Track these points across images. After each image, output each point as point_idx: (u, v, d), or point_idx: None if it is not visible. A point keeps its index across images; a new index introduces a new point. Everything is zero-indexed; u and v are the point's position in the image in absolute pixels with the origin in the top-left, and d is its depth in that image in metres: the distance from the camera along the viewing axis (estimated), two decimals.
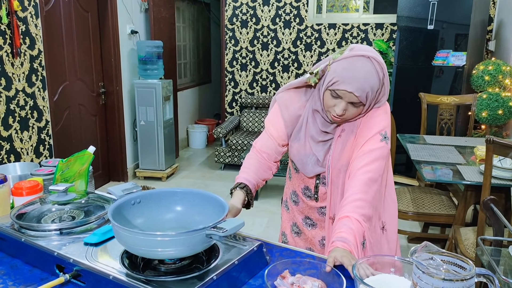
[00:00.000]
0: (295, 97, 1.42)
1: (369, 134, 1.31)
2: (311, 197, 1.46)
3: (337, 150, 1.35)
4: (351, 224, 1.19)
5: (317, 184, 1.43)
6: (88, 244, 1.07)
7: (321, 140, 1.37)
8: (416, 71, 4.08)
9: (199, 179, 4.78)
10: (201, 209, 1.08)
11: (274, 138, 1.44)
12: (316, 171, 1.40)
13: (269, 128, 1.46)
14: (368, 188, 1.26)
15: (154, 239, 0.91)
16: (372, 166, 1.28)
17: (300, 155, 1.41)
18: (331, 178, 1.37)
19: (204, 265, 0.98)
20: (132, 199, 1.08)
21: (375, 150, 1.30)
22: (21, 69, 3.09)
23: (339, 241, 1.15)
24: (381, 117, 1.33)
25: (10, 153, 3.04)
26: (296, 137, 1.43)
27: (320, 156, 1.38)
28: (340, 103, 1.25)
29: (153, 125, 4.51)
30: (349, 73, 1.21)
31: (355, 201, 1.24)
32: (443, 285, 0.71)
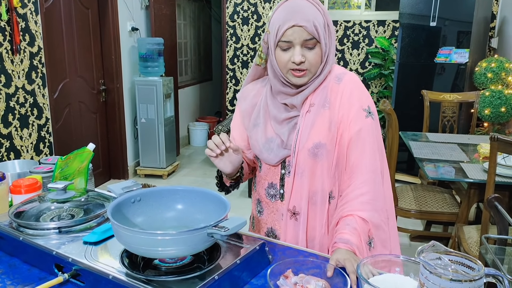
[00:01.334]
0: (252, 88, 1.35)
1: (350, 111, 1.18)
2: (275, 196, 1.29)
3: (306, 127, 1.20)
4: (355, 223, 1.13)
5: (283, 175, 1.26)
6: (87, 243, 1.05)
7: (286, 117, 1.24)
8: (418, 68, 4.05)
9: (200, 177, 4.76)
10: (203, 208, 1.06)
11: (234, 139, 1.36)
12: (281, 155, 1.24)
13: (234, 134, 1.37)
14: (370, 175, 1.16)
15: (154, 238, 0.89)
16: (367, 150, 1.17)
17: (261, 142, 1.27)
18: (296, 160, 1.21)
19: (206, 264, 0.96)
20: (132, 197, 1.06)
21: (362, 129, 1.18)
22: (21, 66, 3.07)
23: (341, 242, 1.11)
24: (352, 90, 1.20)
25: (10, 151, 3.02)
26: (254, 124, 1.30)
27: (284, 136, 1.23)
28: (294, 50, 1.15)
29: (153, 122, 4.49)
30: (286, 12, 1.14)
31: (359, 197, 1.16)
32: (451, 285, 0.70)
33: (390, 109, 2.52)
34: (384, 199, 1.20)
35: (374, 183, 1.17)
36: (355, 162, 1.18)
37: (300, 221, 1.25)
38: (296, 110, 1.24)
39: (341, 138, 1.19)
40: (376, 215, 1.16)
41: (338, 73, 1.24)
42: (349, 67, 5.03)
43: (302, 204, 1.24)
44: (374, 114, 1.22)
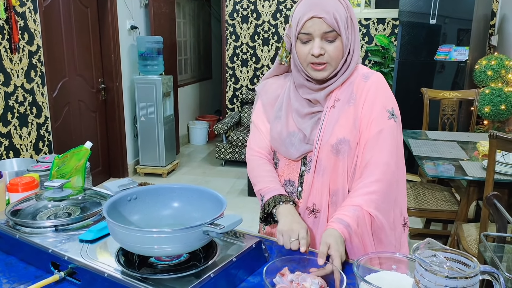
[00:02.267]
0: (274, 82, 1.33)
1: (373, 110, 1.16)
2: (293, 193, 1.26)
3: (330, 122, 1.17)
4: (360, 213, 1.10)
5: (303, 172, 1.23)
6: (83, 241, 1.05)
7: (308, 112, 1.21)
8: (418, 66, 4.04)
9: (199, 175, 4.76)
10: (199, 205, 1.05)
11: (264, 133, 1.31)
12: (302, 149, 1.21)
13: (256, 123, 1.34)
14: (382, 176, 1.12)
15: (150, 236, 0.89)
16: (385, 151, 1.13)
17: (282, 136, 1.24)
18: (318, 157, 1.18)
19: (202, 262, 0.96)
20: (128, 195, 1.05)
21: (384, 130, 1.14)
22: (20, 65, 3.07)
23: (338, 222, 1.08)
24: (377, 89, 1.18)
25: (9, 149, 3.02)
26: (276, 116, 1.27)
27: (307, 131, 1.19)
28: (314, 43, 1.12)
29: (153, 121, 4.49)
30: (307, 5, 1.12)
31: (367, 194, 1.12)
32: (446, 282, 0.69)
33: None
34: (394, 204, 1.17)
35: (386, 185, 1.14)
36: (371, 161, 1.14)
37: (320, 218, 1.22)
38: (319, 105, 1.21)
39: (361, 137, 1.16)
40: (379, 214, 1.13)
41: (365, 71, 1.22)
42: None
43: (322, 202, 1.21)
44: (398, 117, 1.18)
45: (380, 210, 1.13)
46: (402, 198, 1.20)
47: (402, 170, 1.19)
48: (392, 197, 1.16)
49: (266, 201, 1.20)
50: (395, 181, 1.16)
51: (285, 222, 1.11)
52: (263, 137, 1.31)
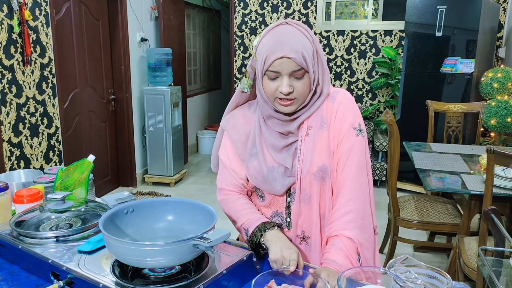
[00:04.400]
0: (239, 114, 1.31)
1: (342, 129, 1.19)
2: (282, 224, 1.25)
3: (308, 151, 1.19)
4: (341, 243, 1.14)
5: (289, 203, 1.24)
6: (82, 252, 1.10)
7: (284, 145, 1.21)
8: (424, 78, 4.06)
9: (207, 184, 4.81)
10: (192, 218, 1.10)
11: (235, 171, 1.28)
12: (286, 183, 1.21)
13: (224, 161, 1.30)
14: (356, 193, 1.16)
15: (143, 248, 0.94)
16: (355, 168, 1.17)
17: (263, 173, 1.22)
18: (301, 187, 1.19)
19: (193, 274, 1.00)
20: (125, 208, 1.10)
21: (353, 147, 1.18)
22: (32, 77, 3.17)
23: (328, 262, 1.13)
24: (345, 108, 1.20)
25: (20, 159, 3.11)
26: (251, 154, 1.25)
27: (288, 163, 1.20)
28: (281, 80, 1.13)
29: (161, 131, 4.56)
30: (274, 42, 1.11)
31: (344, 215, 1.16)
32: None
33: (391, 120, 2.54)
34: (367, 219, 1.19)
35: (361, 201, 1.17)
36: (342, 180, 1.18)
37: (311, 244, 1.25)
38: (292, 135, 1.22)
39: (333, 155, 1.20)
40: (360, 233, 1.16)
41: (331, 91, 1.24)
42: (356, 76, 5.05)
43: (312, 228, 1.23)
44: (364, 131, 1.22)
45: (360, 228, 1.16)
46: (371, 209, 1.23)
47: (370, 182, 1.23)
48: (368, 211, 1.19)
49: (252, 233, 1.19)
50: (367, 195, 1.19)
51: (275, 250, 1.11)
52: (234, 176, 1.29)
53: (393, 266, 0.76)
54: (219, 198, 1.33)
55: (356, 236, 1.15)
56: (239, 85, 1.27)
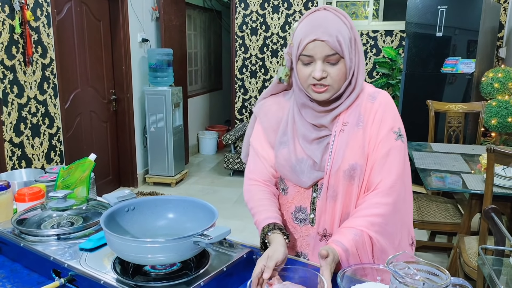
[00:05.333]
0: (274, 102, 1.27)
1: (380, 131, 1.14)
2: (305, 220, 1.22)
3: (340, 147, 1.14)
4: (360, 237, 1.09)
5: (314, 199, 1.20)
6: (83, 250, 1.11)
7: (316, 137, 1.17)
8: (425, 78, 4.06)
9: (208, 185, 4.82)
10: (192, 216, 1.10)
11: (265, 159, 1.25)
12: (314, 177, 1.17)
13: (256, 147, 1.27)
14: (388, 199, 1.11)
15: (144, 245, 0.94)
16: (391, 173, 1.12)
17: (291, 163, 1.19)
18: (329, 183, 1.15)
19: (193, 271, 1.00)
20: (126, 206, 1.11)
21: (391, 152, 1.13)
22: (33, 77, 3.18)
23: (337, 245, 1.07)
24: (385, 110, 1.15)
25: (22, 159, 3.12)
26: (281, 142, 1.21)
27: (317, 157, 1.16)
28: (315, 65, 1.09)
29: (162, 131, 4.57)
30: (310, 26, 1.09)
31: (370, 216, 1.10)
32: None
33: None
34: (401, 225, 1.16)
35: (393, 208, 1.12)
36: (378, 183, 1.13)
37: None
38: (326, 129, 1.17)
39: (368, 158, 1.15)
40: (381, 239, 1.11)
41: (371, 91, 1.20)
42: None
43: (334, 226, 1.18)
44: (404, 136, 1.17)
45: (384, 234, 1.12)
46: (408, 218, 1.19)
47: (409, 190, 1.18)
48: (398, 220, 1.15)
49: (260, 234, 1.17)
50: (402, 203, 1.15)
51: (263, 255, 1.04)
52: (264, 164, 1.26)
53: (392, 262, 0.77)
54: (244, 187, 1.29)
55: (376, 240, 1.11)
56: (276, 74, 1.24)
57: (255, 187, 1.26)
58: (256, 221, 1.20)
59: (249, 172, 1.29)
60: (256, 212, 1.21)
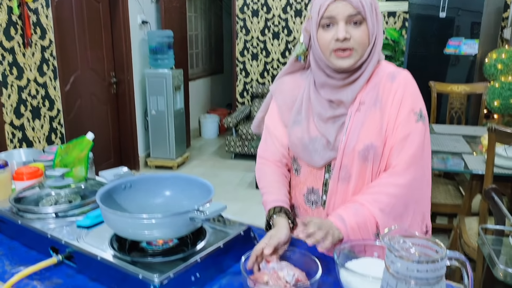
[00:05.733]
0: (290, 80, 1.24)
1: (399, 113, 1.09)
2: (317, 202, 1.19)
3: (356, 127, 1.10)
4: (362, 210, 1.06)
5: (327, 180, 1.17)
6: (80, 227, 1.11)
7: (331, 116, 1.13)
8: (428, 59, 4.01)
9: (209, 168, 4.82)
10: (189, 194, 1.10)
11: (277, 138, 1.24)
12: (327, 156, 1.13)
13: (269, 126, 1.26)
14: (404, 181, 1.08)
15: (140, 221, 0.94)
16: (410, 157, 1.08)
17: (304, 142, 1.16)
18: (342, 164, 1.11)
19: (189, 247, 1.00)
20: (123, 183, 1.10)
21: (410, 134, 1.08)
22: (33, 59, 3.16)
23: (338, 220, 1.06)
24: (405, 90, 1.10)
25: (22, 142, 3.12)
26: (295, 121, 1.19)
27: (331, 136, 1.12)
28: (338, 27, 1.05)
29: (164, 114, 4.56)
30: None
31: (381, 195, 1.07)
32: (415, 267, 0.72)
33: None
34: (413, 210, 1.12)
35: (404, 190, 1.09)
36: (392, 166, 1.10)
37: None
38: (343, 107, 1.13)
39: (386, 141, 1.10)
40: (387, 220, 1.07)
41: (391, 70, 1.14)
42: None
43: None
44: (425, 118, 1.12)
45: (390, 215, 1.08)
46: (424, 205, 1.14)
47: (427, 176, 1.14)
48: (410, 204, 1.11)
49: (266, 215, 1.16)
50: (417, 188, 1.11)
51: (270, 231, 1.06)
52: (275, 144, 1.24)
53: (387, 236, 0.76)
54: (256, 166, 1.28)
55: (382, 222, 1.07)
56: (292, 53, 1.21)
57: (267, 168, 1.25)
58: (264, 201, 1.19)
59: (261, 151, 1.28)
60: (265, 192, 1.20)
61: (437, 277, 0.72)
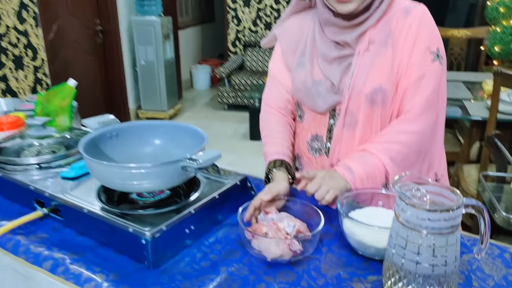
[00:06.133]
0: (294, 21, 1.15)
1: (414, 51, 0.99)
2: (321, 150, 1.12)
3: (363, 68, 1.01)
4: (371, 159, 0.98)
5: (331, 126, 1.09)
6: (65, 178, 1.04)
7: (337, 56, 1.04)
8: (428, 3, 3.84)
9: (202, 119, 4.74)
10: (180, 142, 1.02)
11: (282, 83, 1.16)
12: (331, 100, 1.05)
13: (273, 71, 1.19)
14: (415, 127, 0.99)
15: (128, 171, 0.87)
16: (424, 100, 0.99)
17: (307, 85, 1.08)
18: (347, 108, 1.03)
19: (182, 199, 0.94)
20: (108, 131, 1.02)
21: (426, 75, 0.98)
22: (10, 4, 2.96)
23: (344, 169, 0.98)
24: (421, 26, 1.00)
25: (6, 93, 2.99)
26: (299, 62, 1.11)
27: (335, 78, 1.03)
28: None
29: (153, 65, 4.40)
30: None
31: (390, 143, 0.99)
32: (428, 216, 0.66)
33: None
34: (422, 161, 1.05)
35: (418, 138, 1.01)
36: (405, 111, 1.01)
37: None
38: (349, 48, 1.04)
39: (399, 83, 1.01)
40: (397, 170, 1.00)
41: (406, 4, 1.03)
42: None
43: None
44: (443, 58, 1.02)
45: (401, 165, 1.00)
46: (435, 153, 1.07)
47: (441, 122, 1.05)
48: (422, 153, 1.04)
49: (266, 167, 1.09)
50: (429, 135, 1.03)
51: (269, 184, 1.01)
52: (280, 89, 1.17)
53: (399, 183, 0.70)
54: (260, 114, 1.22)
55: (391, 170, 0.99)
56: None
57: (272, 116, 1.18)
58: (265, 153, 1.13)
59: (266, 98, 1.21)
60: (267, 143, 1.14)
61: (451, 227, 0.67)
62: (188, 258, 0.86)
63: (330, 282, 0.79)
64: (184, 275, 0.81)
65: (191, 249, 0.88)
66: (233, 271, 0.82)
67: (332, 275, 0.81)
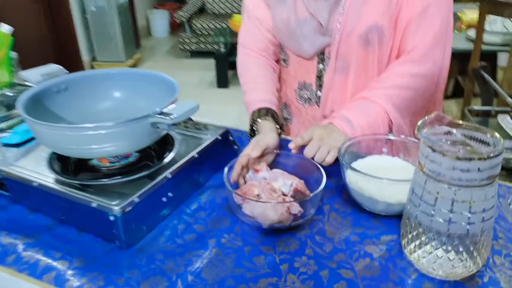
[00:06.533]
0: None
1: None
2: (311, 100, 1.00)
3: (355, 4, 0.86)
4: (372, 108, 0.86)
5: (321, 72, 0.96)
6: (7, 145, 0.85)
7: None
8: None
9: (164, 69, 4.45)
10: (146, 93, 0.85)
11: (260, 21, 1.01)
12: (318, 43, 0.92)
13: (248, 6, 1.02)
14: (421, 68, 0.87)
15: (84, 133, 0.70)
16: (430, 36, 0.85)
17: (290, 26, 0.93)
18: (337, 52, 0.90)
19: (155, 162, 0.79)
20: (54, 85, 0.83)
21: (431, 6, 0.84)
22: None
23: (341, 120, 0.86)
24: None
25: None
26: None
27: (323, 17, 0.89)
28: None
29: (105, 10, 4.03)
30: None
31: (393, 88, 0.87)
32: (459, 165, 0.54)
33: None
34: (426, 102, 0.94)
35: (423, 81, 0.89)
36: (408, 49, 0.88)
37: None
38: None
39: (399, 17, 0.87)
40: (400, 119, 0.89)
41: None
42: None
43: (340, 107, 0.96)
44: None
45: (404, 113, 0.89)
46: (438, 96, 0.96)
47: (446, 61, 0.92)
48: (426, 101, 0.93)
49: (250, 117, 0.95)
50: (436, 77, 0.90)
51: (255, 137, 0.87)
52: (258, 28, 1.02)
53: (425, 128, 0.57)
54: (238, 57, 1.06)
55: (394, 118, 0.88)
56: None
57: (251, 59, 1.03)
58: (247, 101, 0.98)
59: (242, 39, 1.05)
60: (248, 90, 0.99)
61: (488, 178, 0.55)
62: (168, 231, 0.72)
63: (339, 248, 0.68)
64: (166, 253, 0.67)
65: (171, 220, 0.74)
66: (224, 243, 0.69)
67: (339, 239, 0.70)
